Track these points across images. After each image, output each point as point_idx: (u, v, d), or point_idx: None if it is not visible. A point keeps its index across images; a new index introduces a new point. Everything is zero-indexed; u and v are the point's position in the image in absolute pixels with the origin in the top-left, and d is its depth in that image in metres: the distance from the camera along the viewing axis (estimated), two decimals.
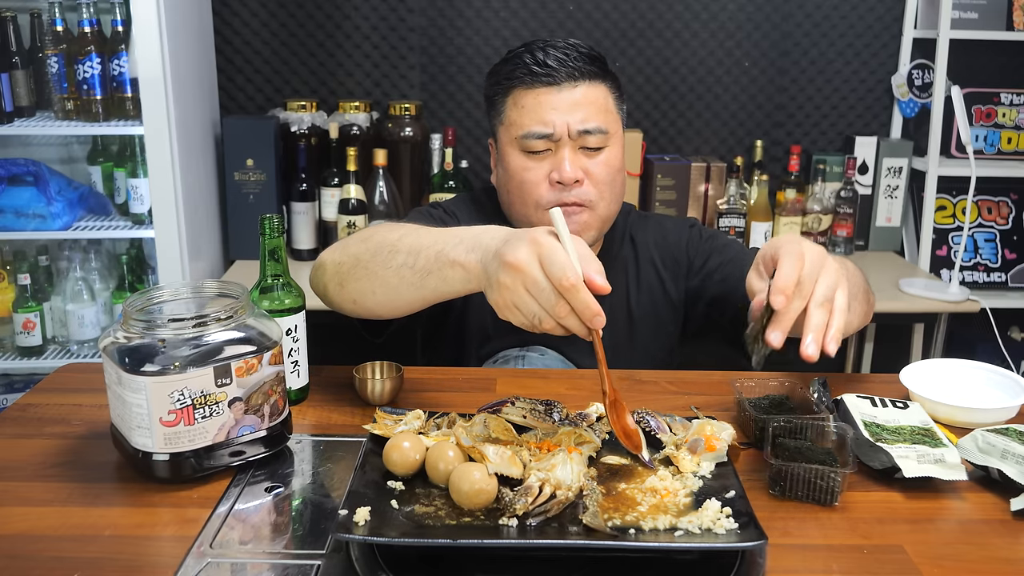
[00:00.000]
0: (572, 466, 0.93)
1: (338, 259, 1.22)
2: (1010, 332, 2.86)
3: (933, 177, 2.64)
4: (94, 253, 2.54)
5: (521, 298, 0.94)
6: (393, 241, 1.13)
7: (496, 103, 1.44)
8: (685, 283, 1.53)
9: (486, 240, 1.02)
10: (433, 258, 1.06)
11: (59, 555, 0.88)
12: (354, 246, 1.21)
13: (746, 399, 1.15)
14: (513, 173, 1.40)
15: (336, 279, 1.22)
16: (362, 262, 1.17)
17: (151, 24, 2.19)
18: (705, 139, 2.85)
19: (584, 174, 1.37)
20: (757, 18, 2.76)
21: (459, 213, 1.52)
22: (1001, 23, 2.65)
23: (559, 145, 1.37)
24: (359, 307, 1.21)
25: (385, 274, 1.13)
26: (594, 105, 1.38)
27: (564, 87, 1.36)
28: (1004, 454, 1.01)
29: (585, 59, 1.38)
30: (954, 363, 1.28)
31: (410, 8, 2.71)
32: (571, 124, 1.36)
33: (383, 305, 1.18)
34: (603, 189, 1.39)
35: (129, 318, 1.00)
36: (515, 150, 1.40)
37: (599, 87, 1.39)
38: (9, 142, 2.57)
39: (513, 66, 1.40)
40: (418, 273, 1.08)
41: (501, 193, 1.47)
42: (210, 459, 1.01)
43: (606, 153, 1.39)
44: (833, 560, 0.88)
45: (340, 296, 1.23)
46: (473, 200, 1.58)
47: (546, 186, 1.37)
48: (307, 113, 2.63)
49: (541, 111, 1.36)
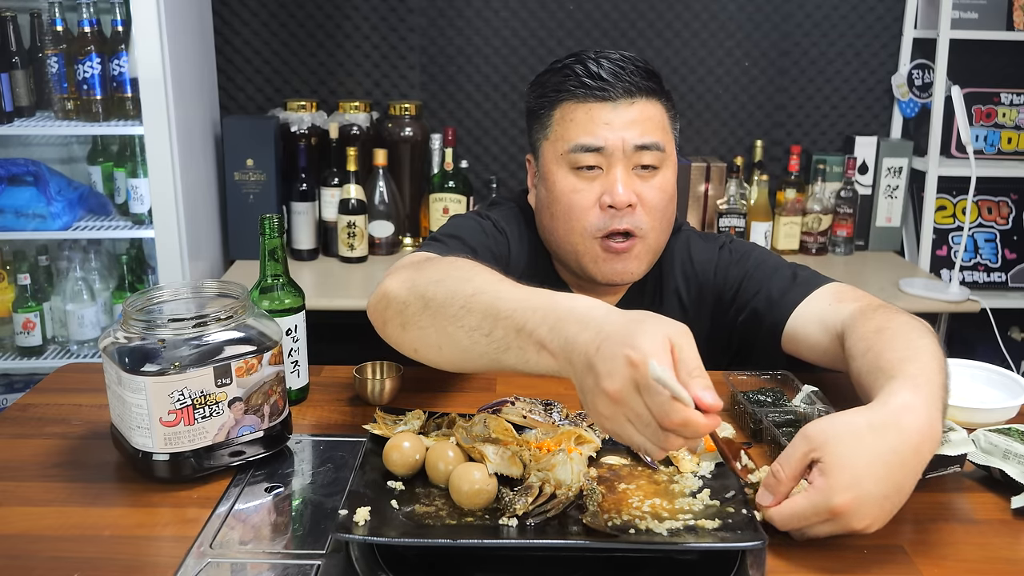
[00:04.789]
0: (572, 466, 0.93)
1: (404, 296, 1.02)
2: (1010, 332, 2.85)
3: (933, 177, 2.64)
4: (94, 253, 2.54)
5: (624, 428, 0.81)
6: (467, 296, 0.95)
7: (541, 116, 1.33)
8: (711, 318, 1.40)
9: (571, 329, 0.84)
10: (513, 333, 0.89)
11: (59, 555, 0.88)
12: (424, 283, 1.01)
13: (740, 392, 1.17)
14: (559, 195, 1.29)
15: (399, 319, 1.03)
16: (431, 308, 0.98)
17: (151, 24, 2.19)
18: (705, 139, 2.85)
19: (637, 199, 1.27)
20: (757, 18, 2.76)
21: (508, 230, 1.39)
22: (1001, 23, 2.65)
23: (611, 164, 1.27)
24: (420, 358, 1.04)
25: (456, 333, 0.95)
26: (651, 122, 1.28)
27: (620, 103, 1.27)
28: (1006, 454, 1.01)
29: (642, 73, 1.28)
30: (954, 363, 1.27)
31: (410, 8, 2.71)
32: (626, 139, 1.26)
33: (452, 364, 1.02)
34: (656, 217, 1.29)
35: (129, 318, 1.00)
36: (562, 168, 1.29)
37: (656, 105, 1.30)
38: (9, 142, 2.57)
39: (563, 77, 1.29)
40: (495, 345, 0.91)
41: (542, 216, 1.36)
42: (210, 459, 1.01)
43: (660, 177, 1.29)
44: (833, 560, 0.88)
45: (401, 339, 1.05)
46: (521, 213, 1.43)
47: (596, 211, 1.27)
48: (307, 113, 2.63)
49: (593, 126, 1.26)
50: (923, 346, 1.00)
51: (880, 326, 1.07)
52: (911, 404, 0.89)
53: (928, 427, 0.89)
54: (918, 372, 0.94)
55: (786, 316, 1.26)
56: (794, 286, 1.28)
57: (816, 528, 0.87)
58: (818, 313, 1.22)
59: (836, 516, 0.85)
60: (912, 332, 1.04)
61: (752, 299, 1.33)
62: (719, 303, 1.39)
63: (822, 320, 1.21)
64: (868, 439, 0.86)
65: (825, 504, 0.85)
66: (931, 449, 0.89)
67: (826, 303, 1.23)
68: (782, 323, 1.27)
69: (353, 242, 2.56)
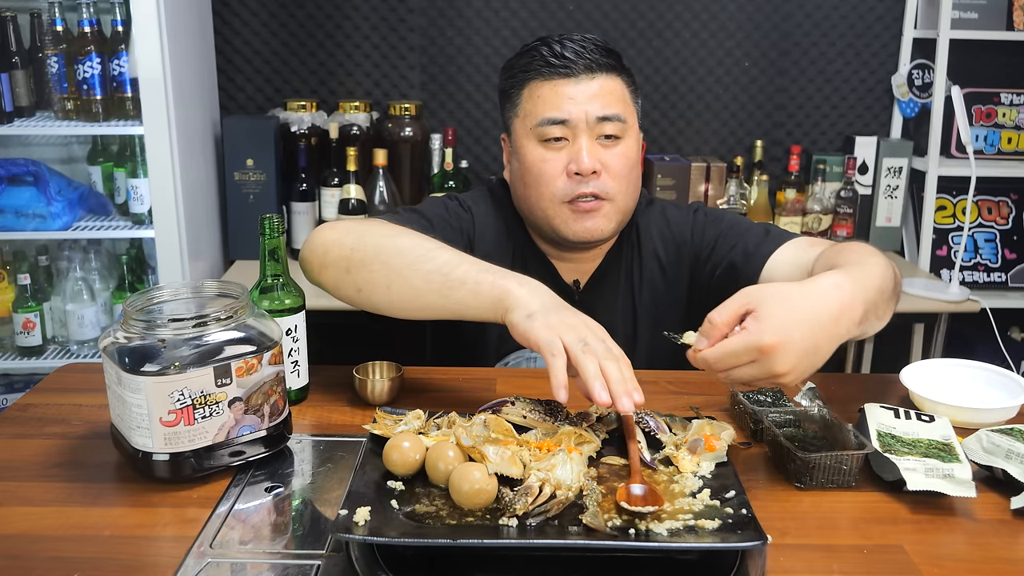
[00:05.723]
0: (572, 466, 0.93)
1: (349, 244, 1.21)
2: (1010, 332, 2.86)
3: (933, 177, 2.64)
4: (94, 253, 2.54)
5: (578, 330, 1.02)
6: (429, 248, 1.17)
7: (512, 96, 1.43)
8: (690, 278, 1.49)
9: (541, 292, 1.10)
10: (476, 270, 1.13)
11: (59, 555, 0.88)
12: (374, 236, 1.21)
13: (740, 392, 1.17)
14: (530, 166, 1.39)
15: (343, 263, 1.20)
16: (383, 256, 1.17)
17: (151, 24, 2.19)
18: (705, 139, 2.85)
19: (601, 166, 1.36)
20: (757, 18, 2.76)
21: (475, 208, 1.50)
22: (1001, 23, 2.65)
23: (576, 134, 1.36)
24: (362, 297, 1.21)
25: (411, 275, 1.15)
26: (612, 95, 1.38)
27: (582, 79, 1.36)
28: (1008, 454, 1.01)
29: (602, 52, 1.38)
30: (954, 363, 1.28)
31: (410, 8, 2.71)
32: (589, 112, 1.35)
33: (394, 304, 1.18)
34: (621, 182, 1.38)
35: (129, 318, 1.00)
36: (531, 141, 1.39)
37: (615, 79, 1.39)
38: (9, 142, 2.57)
39: (529, 59, 1.39)
40: (450, 283, 1.13)
41: (516, 187, 1.46)
42: (210, 459, 1.01)
43: (622, 145, 1.38)
44: (833, 560, 0.88)
45: (341, 280, 1.22)
46: (490, 193, 1.55)
47: (564, 178, 1.37)
48: (307, 113, 2.63)
49: (558, 100, 1.36)
50: (873, 262, 1.12)
51: (841, 249, 1.21)
52: (840, 283, 1.02)
53: (849, 305, 1.01)
54: (858, 271, 1.07)
55: (761, 265, 1.36)
56: (767, 239, 1.39)
57: (743, 370, 0.96)
58: (792, 259, 1.33)
59: (763, 355, 0.94)
60: (868, 255, 1.15)
61: (728, 253, 1.42)
62: (696, 262, 1.48)
63: (796, 264, 1.31)
64: (797, 300, 0.98)
65: (756, 342, 0.94)
66: (847, 325, 1.00)
67: (800, 250, 1.34)
68: (758, 272, 1.36)
69: None
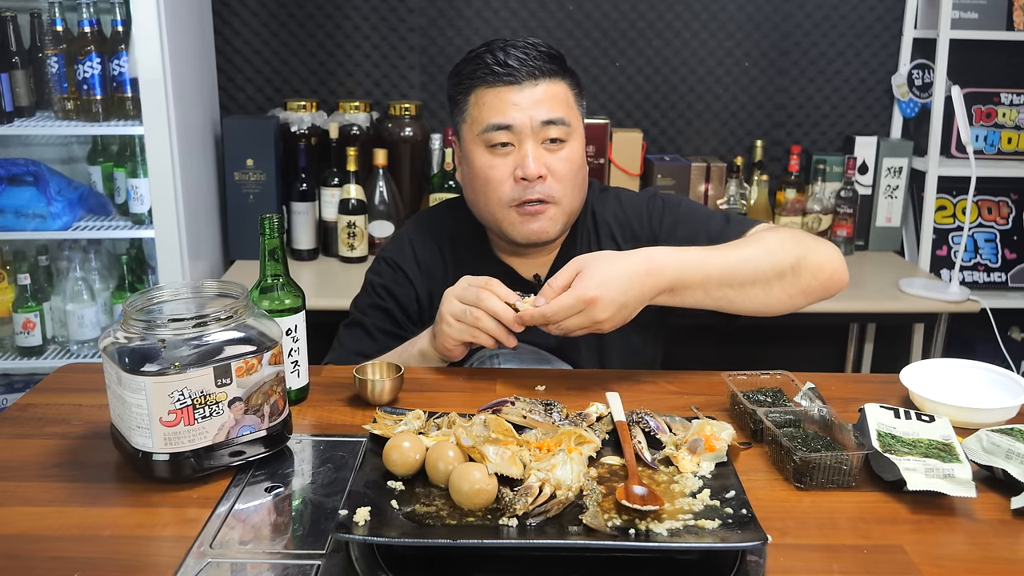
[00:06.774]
0: (572, 466, 0.93)
1: None
2: (1010, 332, 2.86)
3: (933, 177, 2.64)
4: (94, 253, 2.54)
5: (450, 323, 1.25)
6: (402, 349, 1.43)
7: (459, 102, 1.45)
8: None
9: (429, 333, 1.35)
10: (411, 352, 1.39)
11: (59, 555, 0.88)
12: None
13: (739, 392, 1.17)
14: (478, 171, 1.41)
15: None
16: None
17: (151, 24, 2.19)
18: (705, 139, 2.85)
19: (547, 170, 1.38)
20: (757, 18, 2.76)
21: (400, 255, 1.54)
22: (1001, 23, 2.65)
23: (521, 140, 1.38)
24: None
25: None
26: (556, 100, 1.40)
27: (525, 85, 1.39)
28: (1009, 454, 1.01)
29: (545, 57, 1.40)
30: (954, 363, 1.27)
31: (410, 8, 2.71)
32: (533, 117, 1.38)
33: None
34: (566, 185, 1.40)
35: (129, 318, 1.00)
36: (479, 147, 1.41)
37: (559, 84, 1.41)
38: (9, 142, 2.57)
39: (475, 66, 1.41)
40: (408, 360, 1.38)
41: (467, 191, 1.49)
42: (210, 459, 1.01)
43: (567, 148, 1.40)
44: (833, 560, 0.88)
45: None
46: (416, 223, 1.60)
47: (511, 183, 1.39)
48: (307, 113, 2.63)
49: (503, 107, 1.38)
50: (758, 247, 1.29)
51: (752, 233, 1.36)
52: (652, 256, 1.23)
53: (662, 266, 1.23)
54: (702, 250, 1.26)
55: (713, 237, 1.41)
56: (729, 226, 1.43)
57: (571, 320, 1.19)
58: None
59: (587, 306, 1.18)
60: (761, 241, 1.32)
61: (691, 238, 1.43)
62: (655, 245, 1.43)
63: None
64: (617, 261, 1.22)
65: (581, 294, 1.18)
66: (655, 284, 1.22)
67: None
68: None
69: (353, 242, 2.56)
